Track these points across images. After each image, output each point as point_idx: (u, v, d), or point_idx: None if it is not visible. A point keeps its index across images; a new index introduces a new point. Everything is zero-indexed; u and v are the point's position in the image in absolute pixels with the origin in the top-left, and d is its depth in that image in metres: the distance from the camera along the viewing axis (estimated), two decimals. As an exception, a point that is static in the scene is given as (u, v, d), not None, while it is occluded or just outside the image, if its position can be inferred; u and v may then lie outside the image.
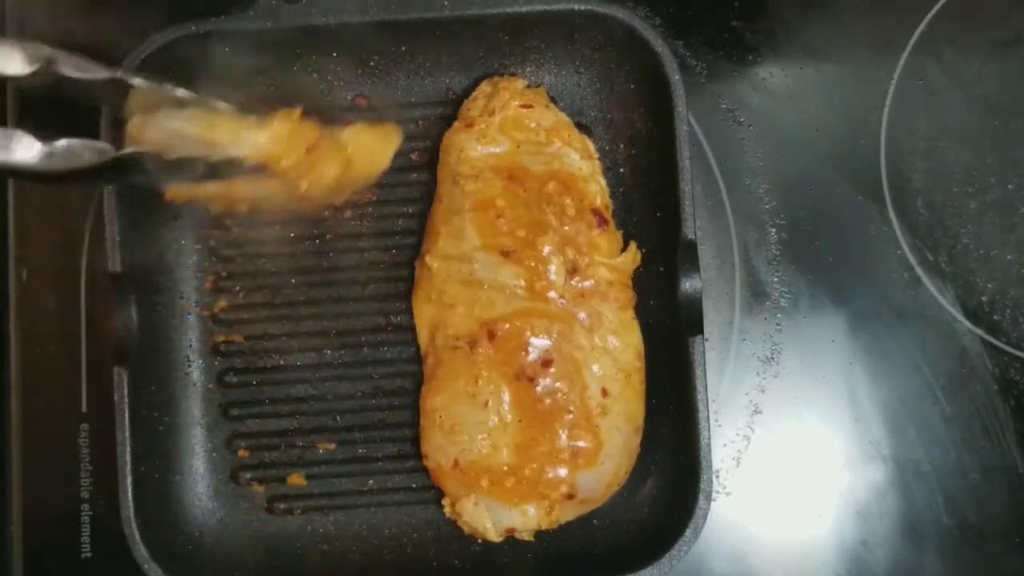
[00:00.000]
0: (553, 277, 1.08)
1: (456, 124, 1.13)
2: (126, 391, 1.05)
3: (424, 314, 1.11)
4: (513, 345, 1.07)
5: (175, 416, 1.10)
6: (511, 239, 1.09)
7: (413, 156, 1.17)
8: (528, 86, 1.15)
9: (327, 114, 1.08)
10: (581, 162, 1.12)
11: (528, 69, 1.17)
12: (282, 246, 1.16)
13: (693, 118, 1.20)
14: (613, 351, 1.09)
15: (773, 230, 1.20)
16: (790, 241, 1.20)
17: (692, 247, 1.07)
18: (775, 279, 1.19)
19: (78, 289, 1.18)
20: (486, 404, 1.07)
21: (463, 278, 1.09)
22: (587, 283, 1.09)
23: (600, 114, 1.17)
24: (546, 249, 1.08)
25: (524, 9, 1.10)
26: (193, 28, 1.08)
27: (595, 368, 1.08)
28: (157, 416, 1.11)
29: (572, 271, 1.09)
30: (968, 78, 1.22)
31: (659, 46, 1.09)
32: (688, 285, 1.06)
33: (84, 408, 1.17)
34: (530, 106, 1.12)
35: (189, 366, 1.16)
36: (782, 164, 1.20)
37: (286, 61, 1.15)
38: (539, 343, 1.07)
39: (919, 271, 1.19)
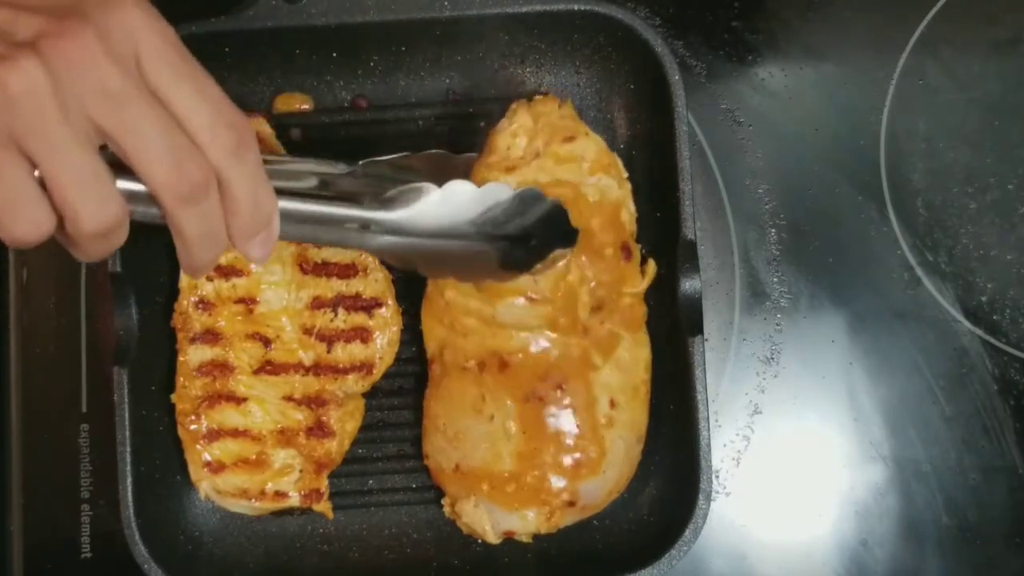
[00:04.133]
0: (578, 315, 1.04)
1: (492, 160, 1.05)
2: (126, 391, 1.05)
3: (433, 332, 1.07)
4: (526, 374, 1.04)
5: (175, 416, 1.10)
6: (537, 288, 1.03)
7: (413, 157, 1.17)
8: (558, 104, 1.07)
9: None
10: (618, 190, 1.06)
11: (528, 69, 1.17)
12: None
13: (693, 118, 1.20)
14: (624, 367, 1.06)
15: (773, 230, 1.20)
16: (790, 241, 1.19)
17: (692, 247, 1.06)
18: (775, 279, 1.19)
19: (78, 289, 1.18)
20: (491, 418, 1.05)
21: (483, 316, 1.04)
22: (610, 317, 1.05)
23: (600, 114, 1.17)
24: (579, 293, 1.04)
25: (524, 9, 1.10)
26: (193, 28, 1.08)
27: (605, 384, 1.05)
28: (157, 416, 1.11)
29: (598, 308, 1.05)
30: (968, 78, 1.21)
31: (659, 46, 1.09)
32: (688, 285, 1.06)
33: (84, 408, 1.16)
34: (572, 138, 1.05)
35: (189, 366, 1.16)
36: (782, 164, 1.20)
37: (286, 61, 1.15)
38: (553, 370, 1.04)
39: (919, 271, 1.19)
